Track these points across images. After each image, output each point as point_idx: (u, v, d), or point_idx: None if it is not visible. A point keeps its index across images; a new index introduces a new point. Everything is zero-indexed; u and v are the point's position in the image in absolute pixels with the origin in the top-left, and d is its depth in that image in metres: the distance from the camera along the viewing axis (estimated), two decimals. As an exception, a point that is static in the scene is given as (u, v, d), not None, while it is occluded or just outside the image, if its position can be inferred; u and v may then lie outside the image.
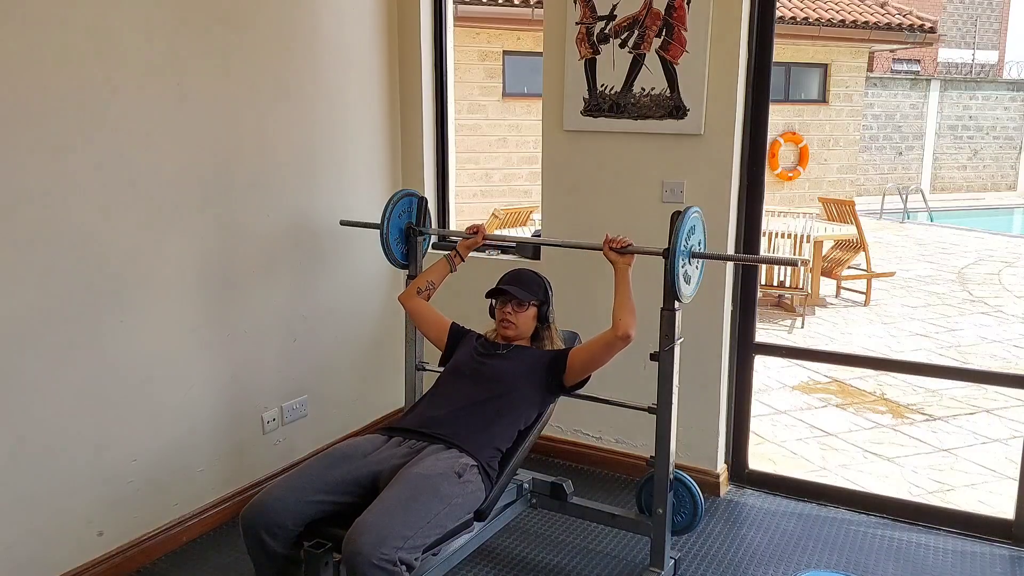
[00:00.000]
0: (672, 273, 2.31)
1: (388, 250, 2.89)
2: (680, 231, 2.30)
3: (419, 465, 2.15)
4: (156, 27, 2.57)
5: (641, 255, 2.49)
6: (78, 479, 2.51)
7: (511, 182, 10.34)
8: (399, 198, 2.91)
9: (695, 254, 2.42)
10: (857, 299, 7.23)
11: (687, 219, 2.32)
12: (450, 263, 2.78)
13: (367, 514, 1.97)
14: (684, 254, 2.35)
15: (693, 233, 2.38)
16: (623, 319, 2.40)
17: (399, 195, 2.92)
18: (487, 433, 2.33)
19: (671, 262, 2.31)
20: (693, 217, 2.37)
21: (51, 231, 2.35)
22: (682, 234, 2.31)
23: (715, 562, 2.79)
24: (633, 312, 2.42)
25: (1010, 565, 2.78)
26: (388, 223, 2.87)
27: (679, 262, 2.31)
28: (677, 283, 2.33)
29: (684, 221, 2.31)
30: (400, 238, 2.92)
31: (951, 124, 16.43)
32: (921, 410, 4.49)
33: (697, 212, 2.40)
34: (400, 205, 2.91)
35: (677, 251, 2.30)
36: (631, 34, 3.04)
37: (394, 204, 2.88)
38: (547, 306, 2.62)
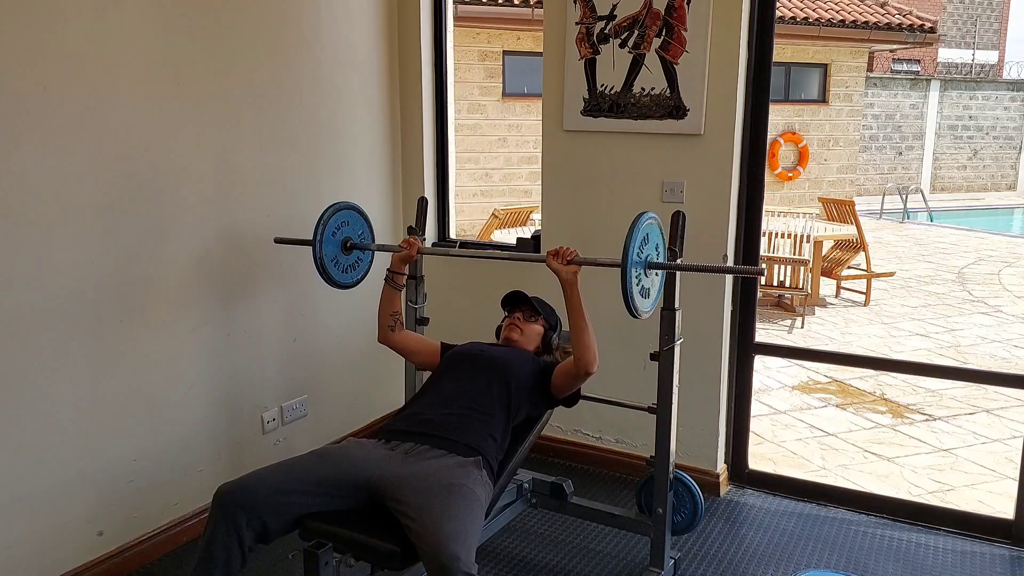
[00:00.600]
0: (626, 287, 2.11)
1: (324, 271, 2.63)
2: (632, 240, 2.10)
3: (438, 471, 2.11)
4: (155, 27, 2.57)
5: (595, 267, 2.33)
6: (78, 479, 2.51)
7: (511, 182, 10.34)
8: (331, 213, 2.62)
9: (652, 264, 2.23)
10: (857, 299, 7.23)
11: (639, 227, 2.13)
12: (393, 285, 2.65)
13: (441, 523, 1.90)
14: (639, 265, 2.17)
15: (647, 242, 2.18)
16: (582, 356, 2.33)
17: (332, 209, 2.62)
18: (485, 423, 2.32)
19: (623, 274, 2.11)
20: (646, 224, 2.17)
21: (50, 231, 2.35)
22: (634, 244, 2.11)
23: (715, 562, 2.79)
24: (590, 344, 2.32)
25: (1010, 565, 2.78)
26: (321, 242, 2.59)
27: (632, 273, 2.13)
28: (632, 297, 2.14)
29: (636, 230, 2.12)
30: (338, 256, 2.70)
31: (951, 124, 16.43)
32: (921, 410, 4.49)
33: (652, 219, 2.21)
34: (334, 220, 2.65)
35: (629, 262, 2.10)
36: (631, 34, 3.04)
37: (326, 221, 2.60)
38: (554, 333, 2.71)
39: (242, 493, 2.03)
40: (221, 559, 2.01)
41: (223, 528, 2.01)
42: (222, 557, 2.01)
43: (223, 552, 2.01)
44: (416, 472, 2.12)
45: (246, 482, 2.07)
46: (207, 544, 2.02)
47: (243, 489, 2.04)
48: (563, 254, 2.31)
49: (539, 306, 2.70)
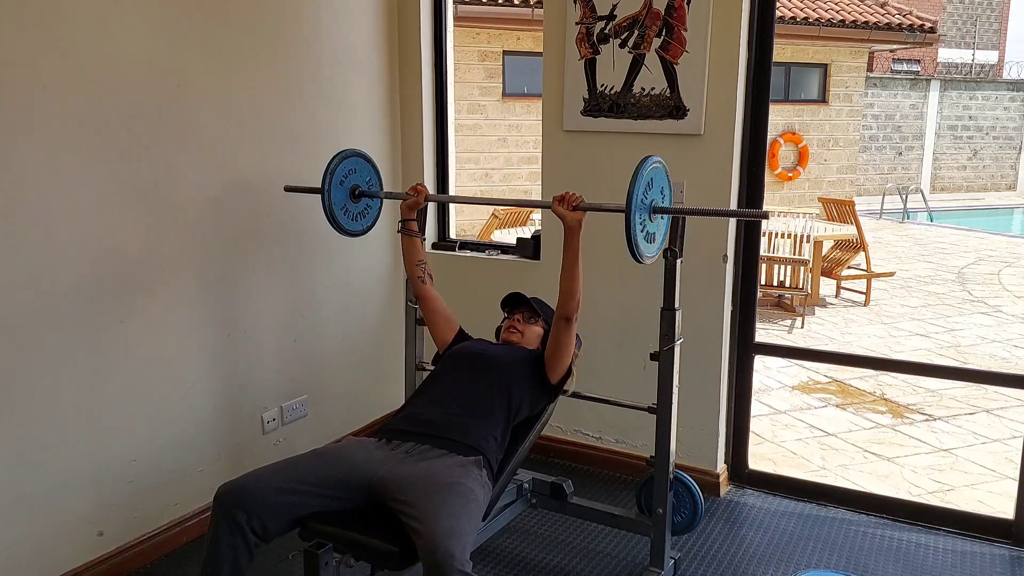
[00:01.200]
0: (631, 230, 2.09)
1: (333, 219, 2.65)
2: (637, 184, 2.08)
3: (438, 471, 2.11)
4: (156, 27, 2.57)
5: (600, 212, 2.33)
6: (78, 479, 2.51)
7: (511, 182, 10.35)
8: (339, 160, 2.63)
9: (656, 208, 2.21)
10: (857, 299, 7.23)
11: (644, 170, 2.10)
12: (408, 232, 2.67)
13: (438, 520, 1.90)
14: (643, 209, 2.14)
15: (652, 186, 2.16)
16: (567, 297, 2.35)
17: (339, 157, 2.64)
18: (485, 422, 2.32)
19: (628, 218, 2.09)
20: (652, 168, 2.15)
21: (50, 231, 2.35)
22: (639, 187, 2.08)
23: (715, 562, 2.79)
24: (577, 288, 2.34)
25: (1010, 565, 2.78)
26: (329, 190, 2.61)
27: (636, 218, 2.10)
28: (637, 242, 2.12)
29: (641, 173, 2.09)
30: (347, 204, 2.70)
31: (951, 124, 16.44)
32: (921, 410, 4.49)
33: (658, 163, 2.18)
34: (343, 168, 2.65)
35: (634, 206, 2.08)
36: (631, 34, 3.04)
37: (334, 168, 2.62)
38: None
39: (242, 493, 2.04)
40: (228, 558, 2.02)
41: (226, 528, 2.01)
42: (229, 556, 2.02)
43: (229, 551, 2.02)
44: (416, 472, 2.12)
45: (246, 482, 2.07)
46: (212, 545, 2.03)
47: (243, 489, 2.04)
48: (569, 199, 2.31)
49: (539, 307, 2.69)
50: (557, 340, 2.45)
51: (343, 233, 2.73)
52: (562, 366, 2.49)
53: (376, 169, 2.81)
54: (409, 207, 2.67)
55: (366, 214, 2.80)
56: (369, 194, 2.76)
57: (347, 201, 2.70)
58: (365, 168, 2.76)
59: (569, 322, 2.39)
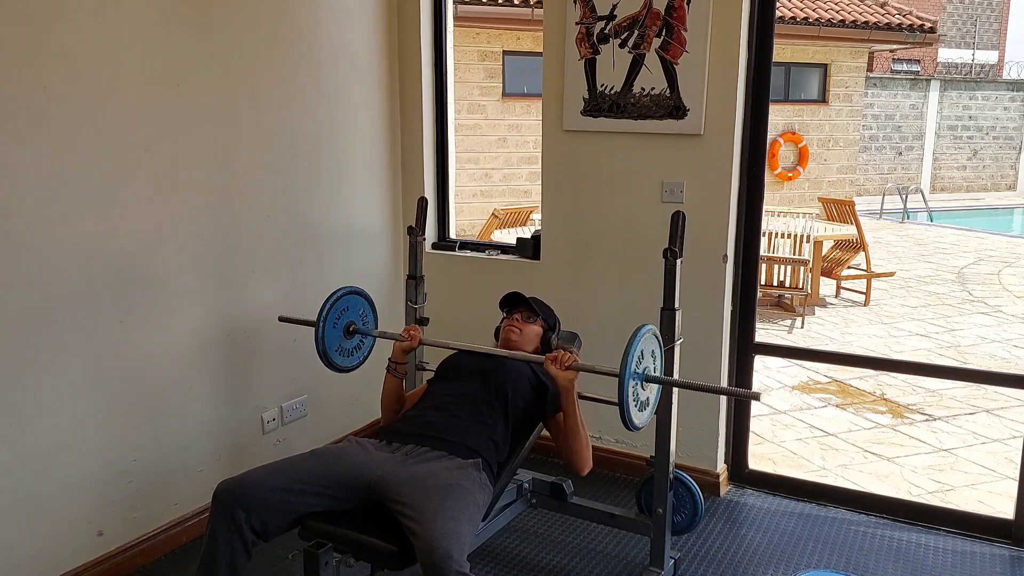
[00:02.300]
0: (623, 399, 2.08)
1: (326, 358, 2.62)
2: (630, 355, 2.08)
3: (438, 473, 2.12)
4: (155, 27, 2.57)
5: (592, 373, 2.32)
6: (78, 479, 2.51)
7: (511, 182, 10.34)
8: (335, 300, 2.62)
9: (649, 378, 2.20)
10: (857, 299, 7.23)
11: (637, 342, 2.10)
12: (395, 374, 2.64)
13: (436, 521, 1.91)
14: (637, 378, 2.14)
15: (643, 357, 2.16)
16: (576, 462, 2.40)
17: (334, 297, 2.62)
18: (485, 425, 2.33)
19: (621, 387, 2.08)
20: (644, 339, 2.14)
21: (50, 231, 2.35)
22: (632, 358, 2.09)
23: (715, 562, 2.79)
24: (583, 452, 2.38)
25: (1010, 565, 2.78)
26: (324, 325, 2.59)
27: (628, 386, 2.10)
28: (628, 409, 2.09)
29: (634, 344, 2.09)
30: (341, 342, 2.69)
31: (951, 124, 16.44)
32: (921, 410, 4.49)
33: (649, 331, 2.18)
34: (338, 307, 2.64)
35: (627, 375, 2.07)
36: (631, 34, 3.04)
37: (328, 310, 2.60)
38: (553, 333, 2.71)
39: (241, 491, 2.04)
40: (225, 556, 2.02)
41: (224, 525, 2.02)
42: (226, 554, 2.02)
43: (227, 549, 2.02)
44: (415, 473, 2.12)
45: (245, 480, 2.07)
46: (209, 542, 2.03)
47: (242, 487, 2.05)
48: (561, 360, 2.31)
49: (537, 306, 2.70)
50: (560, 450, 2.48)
51: (335, 371, 2.71)
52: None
53: (372, 305, 2.79)
54: (403, 350, 2.64)
55: (359, 349, 2.79)
56: (363, 332, 2.74)
57: (341, 339, 2.70)
58: (359, 304, 2.74)
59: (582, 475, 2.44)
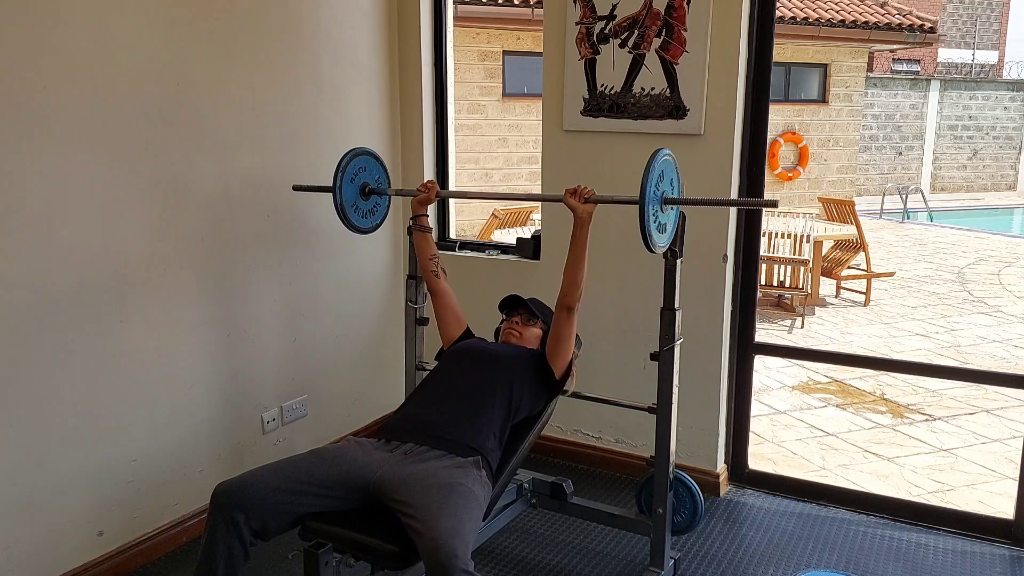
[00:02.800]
0: (645, 221, 2.16)
1: (344, 215, 2.68)
2: (650, 176, 2.16)
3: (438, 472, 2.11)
4: (156, 27, 2.57)
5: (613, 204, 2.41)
6: (78, 479, 2.51)
7: (511, 182, 10.34)
8: (350, 159, 2.67)
9: (668, 200, 2.27)
10: (857, 299, 7.23)
11: (656, 163, 2.18)
12: (419, 228, 2.71)
13: (439, 520, 1.91)
14: (655, 200, 2.21)
15: (663, 179, 2.24)
16: (568, 291, 2.40)
17: (350, 155, 2.68)
18: (485, 422, 2.32)
19: (642, 208, 2.16)
20: (663, 161, 2.23)
21: (50, 231, 2.35)
22: (652, 179, 2.17)
23: (715, 562, 2.79)
24: (578, 281, 2.39)
25: (1010, 565, 2.78)
26: (341, 187, 2.64)
27: (650, 209, 2.18)
28: (650, 231, 2.18)
29: (653, 165, 2.18)
30: (357, 202, 2.73)
31: (951, 124, 16.44)
32: (921, 410, 4.49)
33: (668, 155, 2.26)
34: (353, 165, 2.69)
35: (647, 197, 2.16)
36: (631, 34, 3.04)
37: (345, 165, 2.66)
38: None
39: (240, 492, 2.04)
40: (223, 556, 2.02)
41: (222, 526, 2.01)
42: (224, 554, 2.02)
43: (225, 549, 2.02)
44: (415, 472, 2.12)
45: (244, 481, 2.07)
46: (208, 542, 2.03)
47: (241, 488, 2.05)
48: (581, 192, 2.36)
49: (536, 308, 2.69)
50: (558, 332, 2.46)
51: (353, 230, 2.76)
52: (564, 358, 2.50)
53: (385, 168, 2.84)
54: (420, 203, 2.71)
55: (375, 211, 2.84)
56: (379, 191, 2.80)
57: (357, 198, 2.74)
58: (374, 166, 2.79)
59: (571, 312, 2.42)
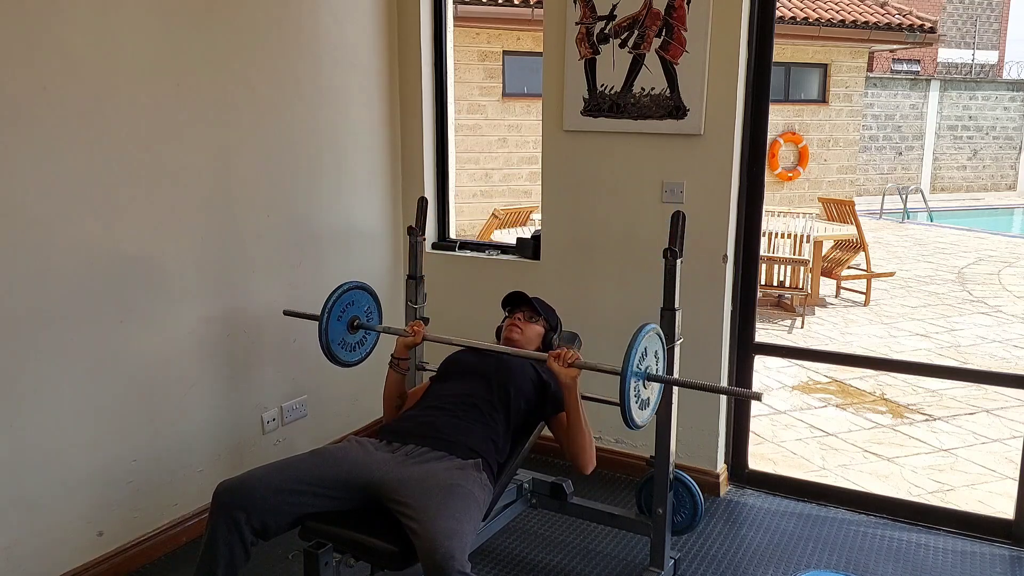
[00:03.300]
0: (625, 397, 2.08)
1: (329, 351, 2.62)
2: (633, 353, 2.08)
3: (438, 473, 2.12)
4: (155, 27, 2.57)
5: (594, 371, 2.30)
6: (78, 479, 2.51)
7: (511, 182, 10.34)
8: (340, 294, 2.61)
9: (651, 377, 2.19)
10: (857, 299, 7.23)
11: (639, 341, 2.10)
12: (398, 370, 2.63)
13: (437, 520, 1.91)
14: (638, 376, 2.13)
15: (646, 355, 2.16)
16: (578, 457, 2.37)
17: (340, 290, 2.61)
18: (486, 425, 2.33)
19: (623, 385, 2.08)
20: (647, 337, 2.15)
21: (50, 231, 2.35)
22: (634, 356, 2.09)
23: (715, 562, 2.79)
24: (586, 448, 2.36)
25: (1010, 565, 2.78)
26: (328, 319, 2.58)
27: (631, 383, 2.10)
28: (630, 408, 2.09)
29: (636, 343, 2.10)
30: (344, 336, 2.68)
31: (951, 124, 16.43)
32: (921, 410, 4.49)
33: (652, 329, 2.17)
34: (342, 301, 2.63)
35: (628, 374, 2.07)
36: (631, 34, 3.04)
37: (332, 304, 2.59)
38: (555, 333, 2.71)
39: (241, 491, 2.04)
40: (224, 555, 2.02)
41: (223, 525, 2.01)
42: (225, 554, 2.02)
43: (225, 549, 2.02)
44: (415, 473, 2.12)
45: (245, 480, 2.07)
46: (209, 541, 2.03)
47: (242, 487, 2.05)
48: (564, 357, 2.31)
49: (539, 307, 2.70)
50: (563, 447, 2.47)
51: (339, 365, 2.70)
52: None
53: (377, 301, 2.77)
54: (406, 346, 2.63)
55: (363, 344, 2.78)
56: (367, 327, 2.73)
57: (345, 333, 2.68)
58: (364, 298, 2.73)
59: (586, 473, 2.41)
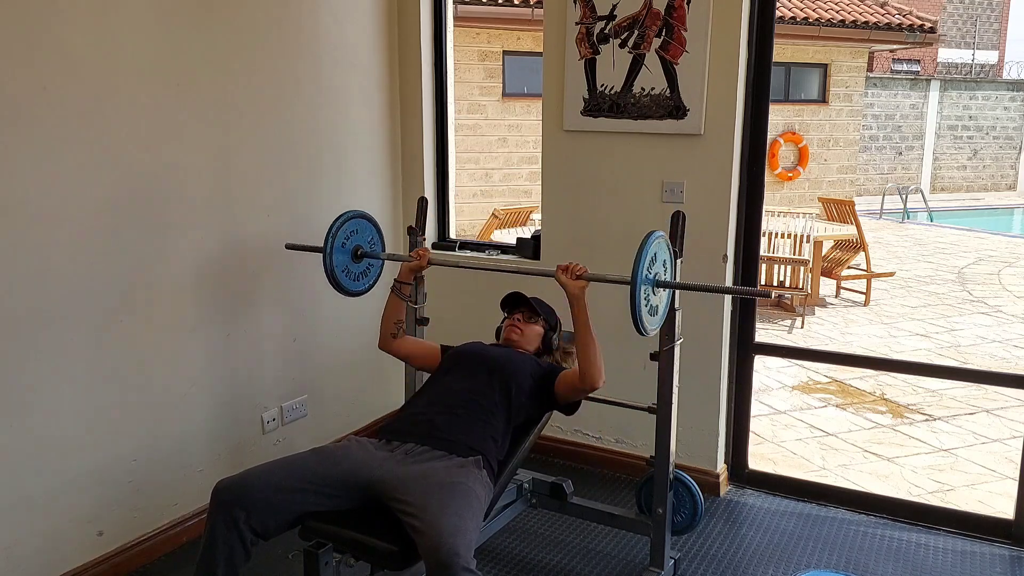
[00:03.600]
0: (635, 305, 2.11)
1: (334, 280, 2.63)
2: (641, 260, 2.11)
3: (439, 471, 2.11)
4: (155, 27, 2.57)
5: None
6: (78, 479, 2.51)
7: (511, 182, 10.34)
8: (343, 222, 2.62)
9: (660, 283, 2.23)
10: (857, 299, 7.23)
11: (648, 247, 2.14)
12: (399, 295, 2.64)
13: (440, 518, 1.91)
14: (647, 283, 2.17)
15: (655, 261, 2.20)
16: (587, 371, 2.34)
17: (343, 218, 2.63)
18: (485, 423, 2.33)
19: (632, 293, 2.11)
20: (655, 244, 2.19)
21: (50, 231, 2.35)
22: (643, 264, 2.12)
23: (715, 562, 2.79)
24: (595, 360, 2.33)
25: (1010, 565, 2.78)
26: (331, 253, 2.58)
27: (640, 292, 2.12)
28: (641, 315, 2.13)
29: (645, 249, 2.13)
30: (348, 265, 2.68)
31: (951, 124, 16.44)
32: (921, 410, 4.49)
33: (660, 237, 2.23)
34: (346, 228, 2.64)
35: (639, 281, 2.11)
36: (631, 34, 3.04)
37: (337, 229, 2.60)
38: (554, 333, 2.71)
39: (240, 490, 2.03)
40: (223, 555, 2.01)
41: (223, 524, 2.01)
42: (224, 552, 2.01)
43: (225, 548, 2.01)
44: (416, 472, 2.12)
45: (245, 479, 2.07)
46: (208, 541, 2.02)
47: (242, 486, 2.04)
48: (572, 269, 2.31)
49: (538, 307, 2.70)
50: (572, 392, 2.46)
51: (344, 294, 2.70)
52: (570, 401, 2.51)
53: (379, 229, 2.78)
54: (411, 269, 2.65)
55: (368, 273, 2.78)
56: (371, 255, 2.74)
57: (349, 262, 2.69)
58: (367, 228, 2.74)
59: (594, 389, 2.39)
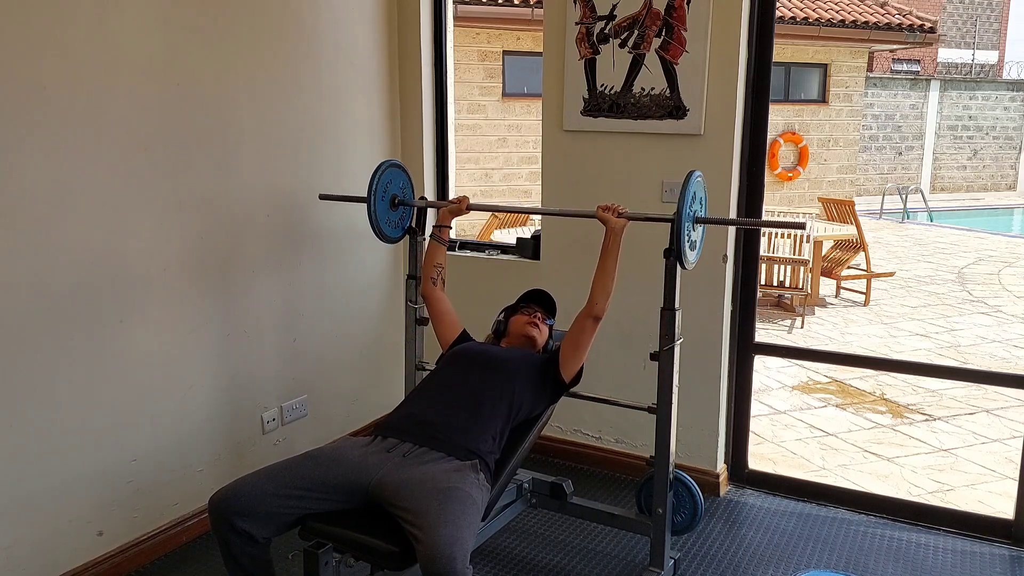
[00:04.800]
0: (679, 240, 2.32)
1: (378, 229, 2.77)
2: (686, 197, 2.31)
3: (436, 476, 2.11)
4: (155, 27, 2.57)
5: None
6: (78, 479, 2.51)
7: (511, 182, 10.34)
8: (384, 169, 2.76)
9: (699, 219, 2.43)
10: (857, 299, 7.23)
11: (690, 185, 2.33)
12: (438, 239, 2.78)
13: (438, 528, 1.91)
14: (689, 219, 2.36)
15: (695, 199, 2.40)
16: (599, 300, 2.46)
17: (385, 166, 2.77)
18: (484, 423, 2.32)
19: (677, 227, 2.31)
20: (696, 182, 2.38)
21: (50, 231, 2.35)
22: (687, 199, 2.32)
23: (715, 562, 2.79)
24: (609, 292, 2.46)
25: (1010, 565, 2.78)
26: (375, 198, 2.73)
27: (685, 228, 2.33)
28: (683, 250, 2.35)
29: (688, 187, 2.32)
30: (388, 213, 2.81)
31: (951, 124, 16.44)
32: (921, 410, 4.49)
33: (699, 177, 2.40)
34: (386, 177, 2.77)
35: (683, 216, 2.31)
36: (631, 34, 3.04)
37: (380, 176, 2.74)
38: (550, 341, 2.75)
39: (236, 499, 2.03)
40: (248, 566, 2.06)
41: (229, 531, 2.03)
42: (248, 565, 2.06)
43: (247, 560, 2.06)
44: (414, 476, 2.11)
45: (239, 489, 2.05)
46: (228, 558, 2.06)
47: (237, 495, 2.04)
48: (614, 208, 2.47)
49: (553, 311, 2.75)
50: (579, 340, 2.49)
51: (385, 241, 2.85)
52: (578, 363, 2.52)
53: (410, 177, 2.90)
54: (451, 212, 2.79)
55: (403, 220, 2.91)
56: (408, 203, 2.87)
57: (388, 210, 2.81)
58: (399, 176, 2.86)
59: (597, 321, 2.47)
